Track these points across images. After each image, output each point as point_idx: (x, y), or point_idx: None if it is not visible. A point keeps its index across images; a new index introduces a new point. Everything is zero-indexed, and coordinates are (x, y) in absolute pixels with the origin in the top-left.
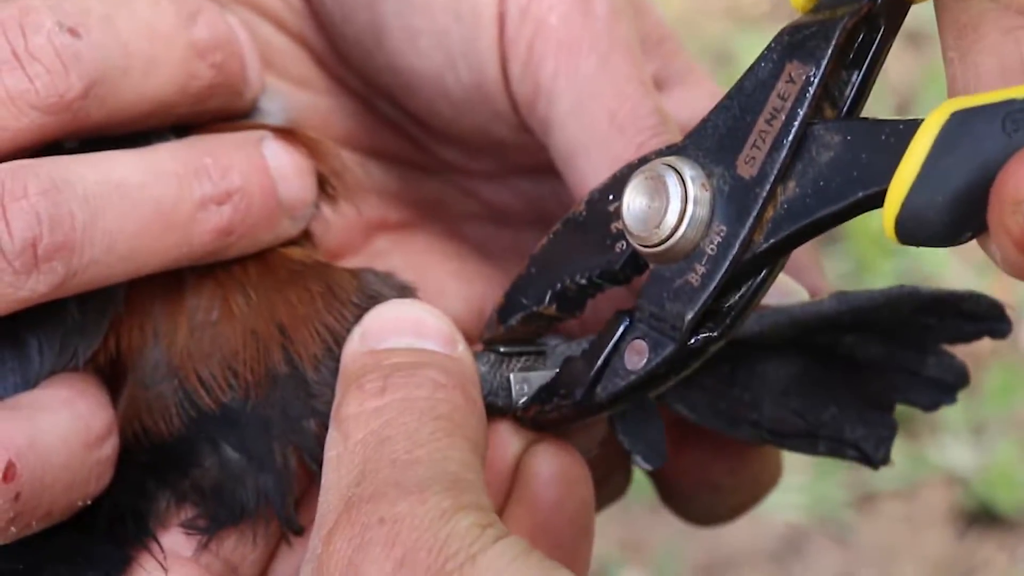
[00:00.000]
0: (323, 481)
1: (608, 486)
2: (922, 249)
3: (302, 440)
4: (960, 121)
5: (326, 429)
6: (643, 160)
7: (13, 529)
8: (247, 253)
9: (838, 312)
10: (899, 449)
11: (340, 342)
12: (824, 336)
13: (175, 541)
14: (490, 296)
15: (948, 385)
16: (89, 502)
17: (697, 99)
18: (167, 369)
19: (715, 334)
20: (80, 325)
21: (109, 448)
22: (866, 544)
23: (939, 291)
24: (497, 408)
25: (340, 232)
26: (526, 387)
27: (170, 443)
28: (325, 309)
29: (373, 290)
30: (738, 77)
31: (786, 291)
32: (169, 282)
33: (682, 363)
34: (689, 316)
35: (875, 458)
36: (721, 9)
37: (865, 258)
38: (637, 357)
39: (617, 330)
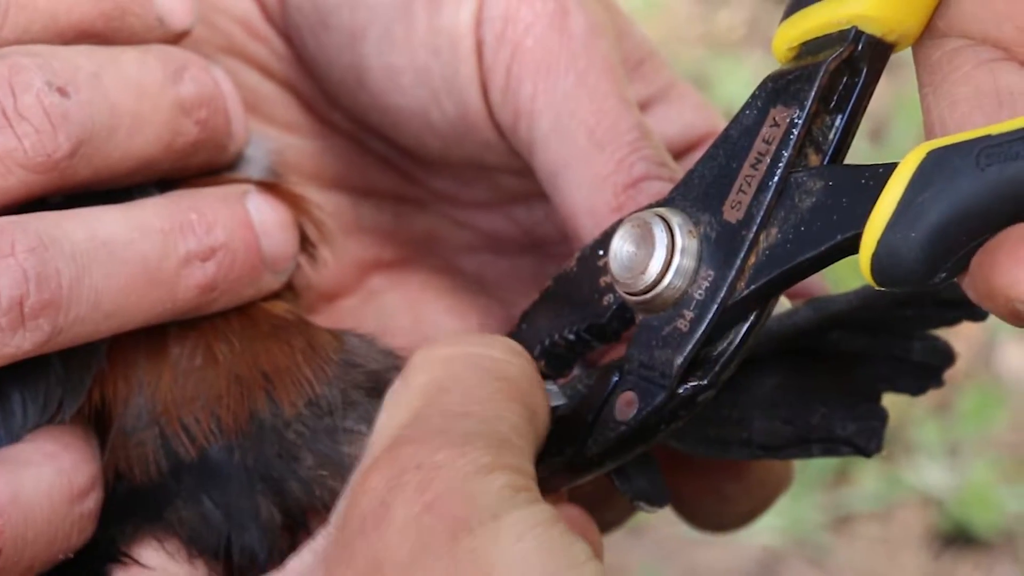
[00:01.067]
0: (377, 421)
1: (612, 511)
2: None
3: (285, 501)
4: (936, 160)
5: (308, 494)
6: (634, 212)
7: None
8: (229, 307)
9: (815, 321)
10: (875, 471)
11: (320, 399)
12: (806, 340)
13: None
14: (486, 331)
15: (934, 368)
16: (71, 556)
17: (683, 114)
18: (149, 416)
19: (704, 382)
20: (64, 379)
21: (92, 502)
22: (843, 566)
23: None
24: None
25: (334, 273)
26: None
27: (145, 489)
28: (306, 364)
29: (356, 355)
30: (714, 102)
31: None
32: (152, 333)
33: (672, 413)
34: (678, 362)
35: (868, 450)
36: (697, 35)
37: (835, 275)
38: (627, 408)
39: (608, 384)
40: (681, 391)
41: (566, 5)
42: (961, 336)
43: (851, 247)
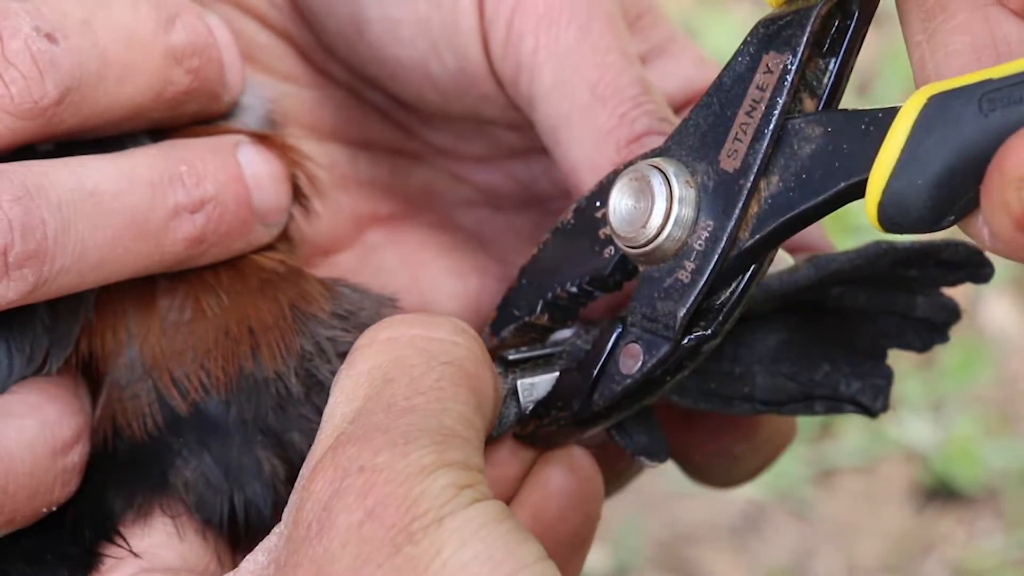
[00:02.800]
0: (327, 405)
1: (621, 474)
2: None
3: (287, 453)
4: (938, 105)
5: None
6: (629, 164)
7: None
8: (219, 260)
9: (816, 280)
10: (858, 425)
11: (309, 355)
12: (807, 296)
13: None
14: (484, 290)
15: (940, 324)
16: (54, 508)
17: (682, 68)
18: (142, 369)
19: (709, 332)
20: (50, 329)
21: (76, 456)
22: (825, 519)
23: (917, 243)
24: (507, 416)
25: (331, 227)
26: (534, 392)
27: (144, 446)
28: (294, 321)
29: (348, 304)
30: (702, 55)
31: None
32: (141, 284)
33: (677, 364)
34: (681, 313)
35: (875, 409)
36: None
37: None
38: (632, 360)
39: (611, 337)
40: (685, 342)
41: None
42: (945, 292)
43: (855, 193)
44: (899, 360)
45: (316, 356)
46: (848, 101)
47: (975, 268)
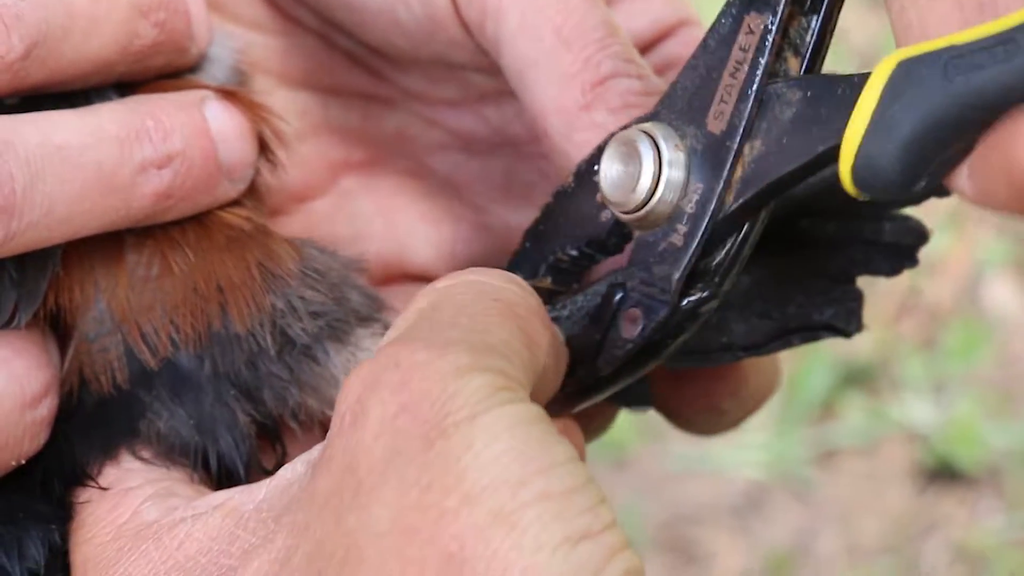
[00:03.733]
0: None
1: (597, 430)
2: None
3: (258, 408)
4: (906, 70)
5: (281, 404)
6: (622, 128)
7: None
8: (185, 215)
9: (780, 208)
10: (859, 405)
11: (281, 312)
12: (774, 228)
13: (129, 476)
14: (458, 237)
15: (907, 247)
16: (23, 462)
17: (651, 5)
18: (111, 323)
19: (706, 294)
20: (18, 283)
21: (45, 409)
22: (826, 500)
23: None
24: None
25: (304, 174)
26: None
27: (112, 399)
28: (261, 279)
29: (317, 264)
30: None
31: None
32: (108, 240)
33: (677, 327)
34: (676, 276)
35: (849, 330)
36: None
37: None
38: (632, 325)
39: (612, 302)
40: (683, 304)
41: None
42: (947, 272)
43: (832, 158)
44: (900, 341)
45: (288, 313)
46: None
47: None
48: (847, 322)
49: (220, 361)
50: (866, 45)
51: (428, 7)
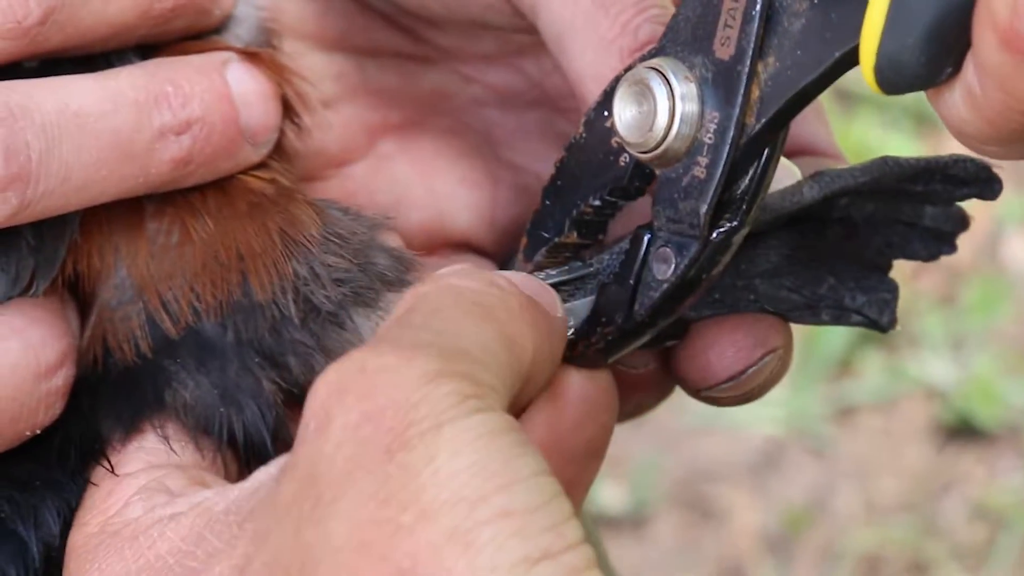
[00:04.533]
0: None
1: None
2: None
3: (284, 376)
4: None
5: (308, 372)
6: (628, 68)
7: None
8: (205, 181)
9: (820, 199)
10: (878, 363)
11: (304, 279)
12: (814, 210)
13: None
14: (498, 200)
15: (947, 233)
16: (38, 431)
17: None
18: (132, 291)
19: (736, 223)
20: (35, 250)
21: (61, 379)
22: (844, 457)
23: (923, 159)
24: None
25: (341, 136)
26: (572, 319)
27: (137, 368)
28: (282, 246)
29: (340, 228)
30: None
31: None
32: (128, 207)
33: (710, 260)
34: (703, 209)
35: (882, 323)
36: None
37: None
38: (664, 265)
39: (641, 245)
40: (714, 237)
41: None
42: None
43: (851, 61)
44: (919, 298)
45: (311, 281)
46: None
47: (983, 184)
48: (880, 314)
49: (243, 329)
50: None
51: None
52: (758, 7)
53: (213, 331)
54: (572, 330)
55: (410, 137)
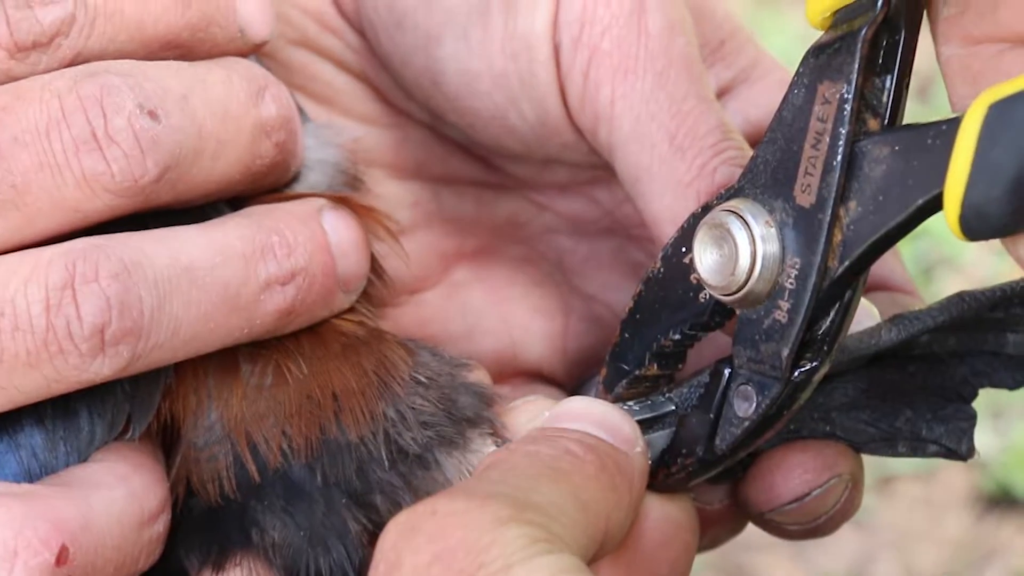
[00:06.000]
0: None
1: (720, 533)
2: (940, 231)
3: (371, 515)
4: (999, 112)
5: (394, 506)
6: (705, 208)
7: None
8: (302, 327)
9: (899, 342)
10: None
11: (392, 421)
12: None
13: None
14: (570, 330)
15: None
16: None
17: (766, 92)
18: (221, 431)
19: (816, 363)
20: (131, 395)
21: (161, 525)
22: (884, 526)
23: (998, 288)
24: None
25: (416, 266)
26: (651, 449)
27: (219, 508)
28: (378, 385)
29: (428, 371)
30: (788, 76)
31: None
32: (222, 351)
33: (790, 398)
34: (786, 353)
35: (961, 452)
36: None
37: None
38: (746, 403)
39: (721, 380)
40: (795, 377)
41: (644, 3)
42: None
43: (933, 207)
44: None
45: (399, 423)
46: (909, 106)
47: None
48: (958, 442)
49: (330, 470)
50: (923, 71)
51: (541, 113)
52: (839, 158)
53: (300, 473)
54: (650, 460)
55: (484, 265)
